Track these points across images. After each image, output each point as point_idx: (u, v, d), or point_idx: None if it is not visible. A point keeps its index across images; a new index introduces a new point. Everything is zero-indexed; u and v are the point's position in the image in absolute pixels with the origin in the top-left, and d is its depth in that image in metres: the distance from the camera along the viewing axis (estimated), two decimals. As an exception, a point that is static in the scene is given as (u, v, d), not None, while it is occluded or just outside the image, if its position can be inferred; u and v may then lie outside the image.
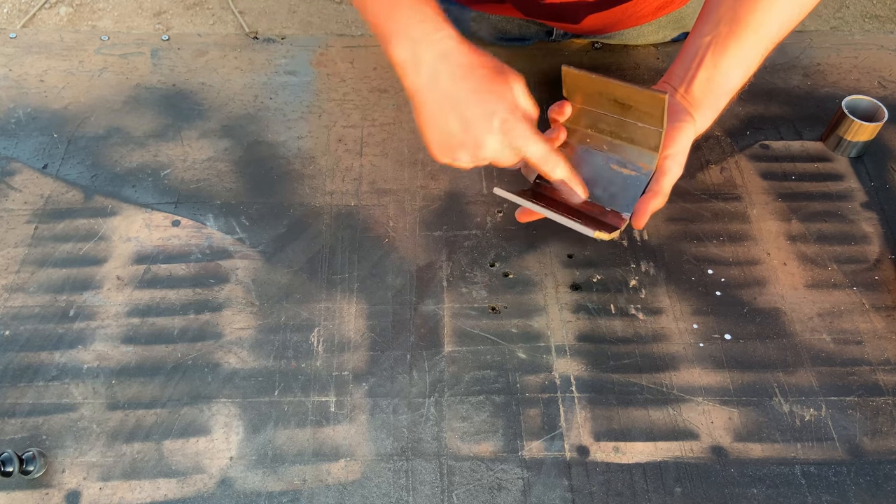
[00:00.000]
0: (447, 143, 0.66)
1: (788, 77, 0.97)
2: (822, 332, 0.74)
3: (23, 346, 0.71)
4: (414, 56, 0.64)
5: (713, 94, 0.71)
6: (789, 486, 0.65)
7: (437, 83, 0.64)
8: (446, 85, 0.64)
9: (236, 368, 0.71)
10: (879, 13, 2.24)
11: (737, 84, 0.71)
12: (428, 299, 0.76)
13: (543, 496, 0.64)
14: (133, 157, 0.86)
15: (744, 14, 0.69)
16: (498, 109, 0.65)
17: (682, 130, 0.70)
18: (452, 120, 0.65)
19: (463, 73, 0.64)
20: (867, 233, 0.81)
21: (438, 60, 0.64)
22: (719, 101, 0.72)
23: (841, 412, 0.69)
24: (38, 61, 0.95)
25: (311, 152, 0.88)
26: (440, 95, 0.64)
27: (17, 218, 0.80)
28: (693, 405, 0.69)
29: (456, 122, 0.65)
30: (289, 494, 0.64)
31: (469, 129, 0.65)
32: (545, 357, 0.72)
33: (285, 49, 0.98)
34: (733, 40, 0.69)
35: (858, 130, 0.85)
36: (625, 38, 1.00)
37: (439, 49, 0.64)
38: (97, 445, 0.66)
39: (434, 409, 0.69)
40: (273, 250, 0.79)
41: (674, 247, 0.80)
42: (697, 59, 0.71)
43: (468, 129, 0.65)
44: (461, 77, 0.64)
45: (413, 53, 0.64)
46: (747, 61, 0.70)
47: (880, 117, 0.85)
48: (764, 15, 0.69)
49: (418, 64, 0.64)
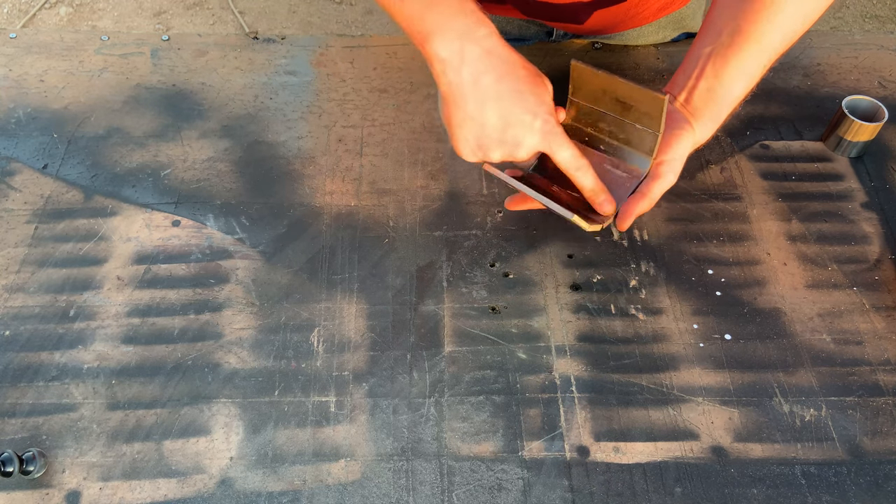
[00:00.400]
0: (482, 141, 0.66)
1: (788, 77, 0.97)
2: (823, 332, 0.74)
3: (23, 346, 0.71)
4: (459, 52, 0.63)
5: (714, 104, 0.71)
6: (789, 486, 0.65)
7: (479, 81, 0.64)
8: (489, 82, 0.64)
9: (236, 368, 0.71)
10: (879, 13, 2.24)
11: (738, 95, 0.71)
12: (428, 299, 0.76)
13: (543, 496, 0.64)
14: (133, 157, 0.86)
15: (746, 25, 0.68)
16: (539, 111, 0.66)
17: (679, 138, 0.70)
18: (493, 118, 0.65)
19: (506, 70, 0.64)
20: (867, 233, 0.81)
21: (483, 57, 0.63)
22: (720, 112, 0.71)
23: (841, 412, 0.69)
24: (38, 61, 0.95)
25: (311, 152, 0.88)
26: (482, 93, 0.64)
27: (17, 218, 0.80)
28: (693, 405, 0.69)
29: (497, 120, 0.65)
30: (289, 494, 0.64)
31: (508, 128, 0.65)
32: (545, 357, 0.72)
33: (285, 49, 0.98)
34: (735, 51, 0.69)
35: (858, 130, 0.85)
36: (625, 38, 1.00)
37: (485, 46, 0.64)
38: (97, 445, 0.66)
39: (434, 409, 0.69)
40: (273, 250, 0.79)
41: (674, 247, 0.80)
42: (698, 69, 0.70)
43: (508, 128, 0.65)
44: (504, 74, 0.64)
45: (459, 50, 0.63)
46: (749, 73, 0.70)
47: (880, 117, 0.85)
48: (766, 26, 0.68)
49: (462, 61, 0.63)
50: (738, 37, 0.68)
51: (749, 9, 0.68)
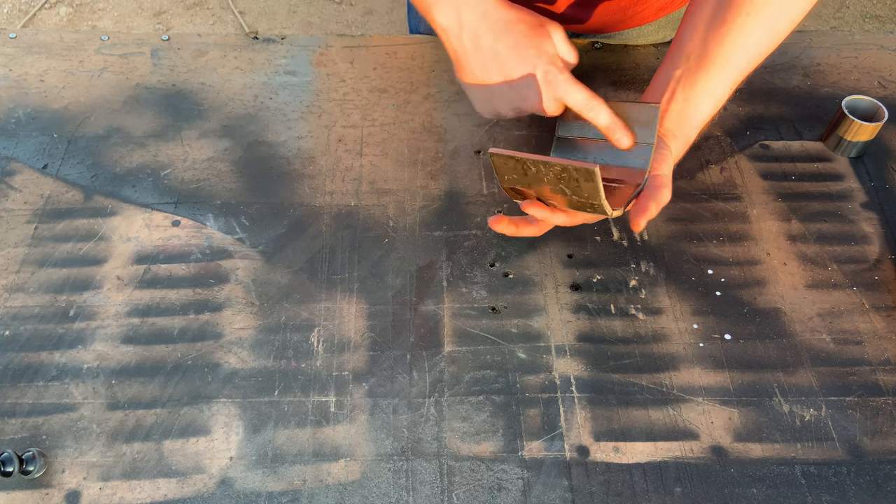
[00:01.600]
0: (491, 100, 0.68)
1: (788, 77, 0.97)
2: (822, 332, 0.74)
3: (23, 346, 0.71)
4: (457, 20, 0.66)
5: (684, 126, 0.72)
6: (789, 486, 0.65)
7: (479, 43, 0.66)
8: (487, 43, 0.66)
9: (236, 368, 0.71)
10: (879, 13, 2.24)
11: (706, 116, 0.72)
12: (428, 299, 0.76)
13: (543, 496, 0.64)
14: (133, 157, 0.86)
15: (712, 48, 0.69)
16: (539, 63, 0.66)
17: (666, 157, 0.71)
18: (495, 77, 0.66)
19: (502, 28, 0.66)
20: (867, 233, 0.81)
21: (478, 21, 0.66)
22: (691, 133, 0.73)
23: (841, 412, 0.69)
24: (38, 61, 0.95)
25: (311, 152, 0.88)
26: (482, 55, 0.66)
27: (17, 218, 0.80)
28: (693, 405, 0.69)
29: (499, 78, 0.66)
30: (289, 494, 0.64)
31: (513, 85, 0.67)
32: (545, 357, 0.72)
33: (285, 49, 0.98)
34: (702, 74, 0.70)
35: (858, 130, 0.85)
36: (625, 38, 1.00)
37: (479, 10, 0.66)
38: (97, 445, 0.66)
39: (434, 409, 0.69)
40: (273, 250, 0.79)
41: (674, 247, 0.80)
42: (669, 91, 0.72)
43: (512, 84, 0.67)
44: (501, 33, 0.66)
45: (456, 17, 0.66)
46: (716, 95, 0.71)
47: (880, 117, 0.85)
48: (731, 49, 0.69)
49: (461, 27, 0.66)
50: (704, 60, 0.70)
51: (716, 32, 0.69)
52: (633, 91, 0.94)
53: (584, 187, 0.62)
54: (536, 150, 0.87)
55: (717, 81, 0.70)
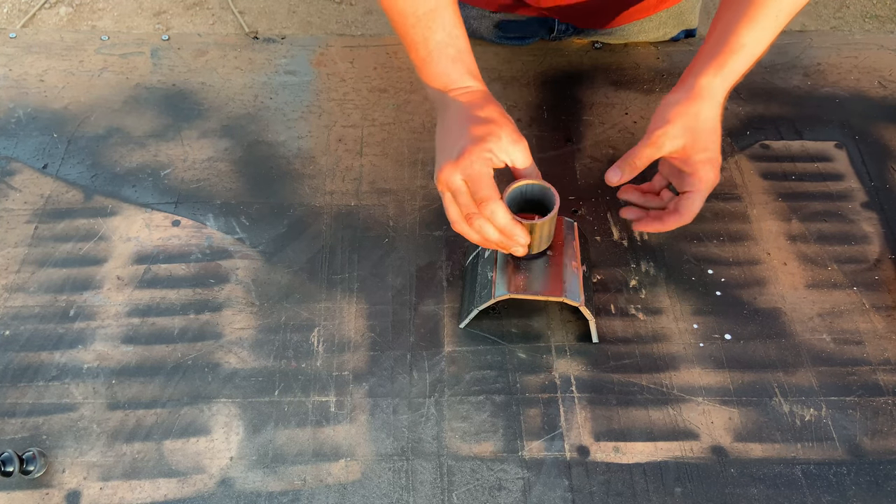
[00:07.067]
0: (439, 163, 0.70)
1: (788, 77, 0.97)
2: (822, 332, 0.74)
3: (23, 346, 0.71)
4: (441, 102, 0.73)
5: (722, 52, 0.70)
6: (789, 486, 0.65)
7: (440, 128, 0.72)
8: (440, 132, 0.71)
9: (236, 368, 0.71)
10: (879, 13, 2.24)
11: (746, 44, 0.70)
12: (428, 299, 0.76)
13: (543, 496, 0.64)
14: (133, 157, 0.86)
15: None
16: (457, 146, 0.66)
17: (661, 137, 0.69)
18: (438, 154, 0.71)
19: (457, 119, 0.70)
20: (867, 233, 0.81)
21: (446, 108, 0.71)
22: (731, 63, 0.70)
23: (841, 412, 0.69)
24: (38, 61, 0.95)
25: (311, 152, 0.88)
26: (437, 140, 0.71)
27: (17, 218, 0.80)
28: (693, 405, 0.69)
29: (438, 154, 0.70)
30: (289, 494, 0.64)
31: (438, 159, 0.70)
32: (545, 357, 0.72)
33: (285, 49, 0.98)
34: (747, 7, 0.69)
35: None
36: (626, 34, 1.00)
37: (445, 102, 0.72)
38: (97, 445, 0.66)
39: (434, 409, 0.69)
40: (273, 250, 0.79)
41: (674, 247, 0.80)
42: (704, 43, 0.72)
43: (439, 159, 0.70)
44: (453, 124, 0.70)
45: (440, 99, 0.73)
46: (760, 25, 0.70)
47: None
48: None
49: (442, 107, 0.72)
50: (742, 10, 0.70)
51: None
52: (633, 91, 0.94)
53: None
54: (536, 149, 0.87)
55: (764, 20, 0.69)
